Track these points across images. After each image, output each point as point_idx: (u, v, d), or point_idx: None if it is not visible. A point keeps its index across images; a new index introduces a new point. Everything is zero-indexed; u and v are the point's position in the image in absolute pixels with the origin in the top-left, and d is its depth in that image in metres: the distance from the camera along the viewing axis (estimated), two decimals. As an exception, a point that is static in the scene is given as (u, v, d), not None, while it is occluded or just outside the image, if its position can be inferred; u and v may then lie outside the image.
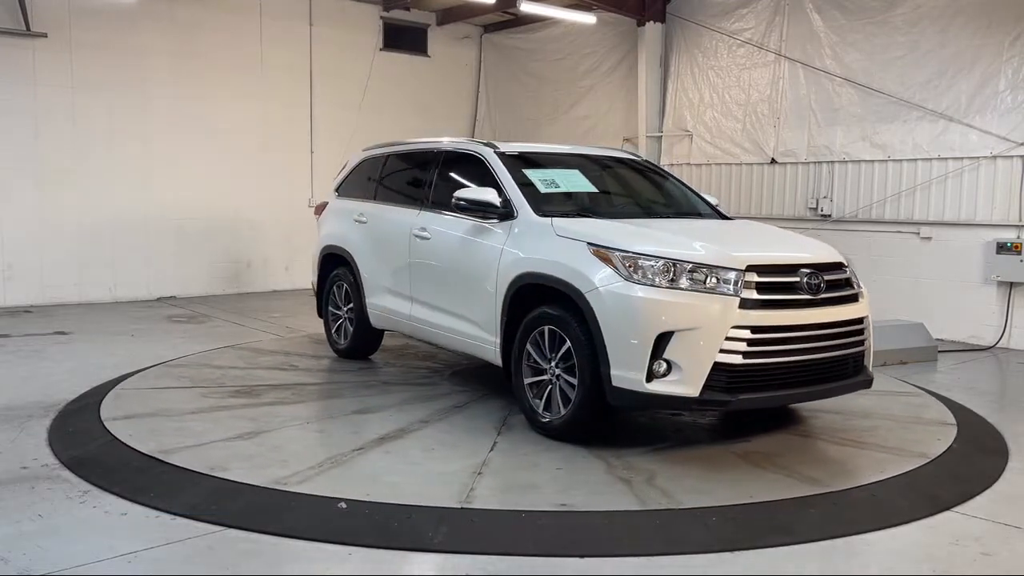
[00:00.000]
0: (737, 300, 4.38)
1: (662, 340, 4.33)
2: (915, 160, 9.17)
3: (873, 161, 9.50)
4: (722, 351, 4.33)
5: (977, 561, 3.51)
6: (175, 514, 3.76)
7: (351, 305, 6.99)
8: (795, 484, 4.29)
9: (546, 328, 4.89)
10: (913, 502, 4.14)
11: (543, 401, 4.95)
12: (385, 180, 7.04)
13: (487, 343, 5.44)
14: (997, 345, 8.61)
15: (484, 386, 6.25)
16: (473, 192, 5.46)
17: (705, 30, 11.08)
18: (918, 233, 9.19)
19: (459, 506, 3.89)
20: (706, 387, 4.33)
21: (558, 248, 4.89)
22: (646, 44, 11.47)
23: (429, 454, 4.64)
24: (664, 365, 4.36)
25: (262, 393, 5.86)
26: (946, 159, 8.95)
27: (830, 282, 4.76)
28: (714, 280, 4.42)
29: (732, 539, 3.66)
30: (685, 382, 4.34)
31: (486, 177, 5.68)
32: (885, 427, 5.41)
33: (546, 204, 5.40)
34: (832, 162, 9.86)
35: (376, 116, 12.56)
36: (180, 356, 7.14)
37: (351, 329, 7.04)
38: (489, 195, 5.39)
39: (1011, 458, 4.90)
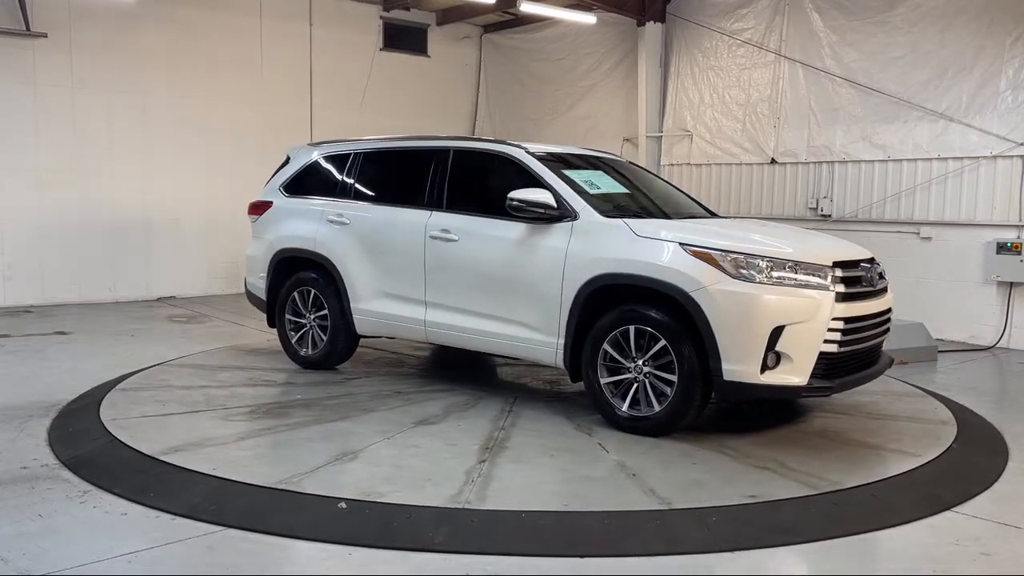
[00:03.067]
0: (833, 294, 4.75)
1: (775, 334, 4.61)
2: (915, 160, 9.17)
3: (873, 161, 9.51)
4: (825, 341, 4.70)
5: (977, 561, 3.51)
6: (175, 514, 3.76)
7: (323, 311, 6.56)
8: (905, 458, 4.76)
9: (631, 328, 4.96)
10: (913, 502, 4.14)
11: (627, 400, 5.03)
12: (364, 179, 6.64)
13: (544, 345, 5.38)
14: (997, 345, 8.61)
15: (504, 388, 6.24)
16: (529, 193, 5.33)
17: (705, 30, 11.08)
18: (918, 233, 9.20)
19: (665, 508, 3.90)
20: (811, 375, 4.69)
21: (645, 249, 4.96)
22: (646, 44, 11.47)
23: (556, 460, 4.57)
24: (774, 357, 4.64)
25: (285, 413, 5.35)
26: (946, 159, 8.95)
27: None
28: (812, 276, 4.75)
29: (733, 539, 3.65)
30: (795, 372, 4.67)
31: (520, 178, 5.59)
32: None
33: (602, 205, 5.43)
34: (832, 162, 9.86)
35: (376, 116, 12.57)
36: (118, 376, 6.34)
37: (323, 337, 6.60)
38: (545, 196, 5.32)
39: (1011, 458, 4.90)
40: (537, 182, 5.51)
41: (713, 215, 6.36)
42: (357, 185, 6.68)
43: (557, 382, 6.45)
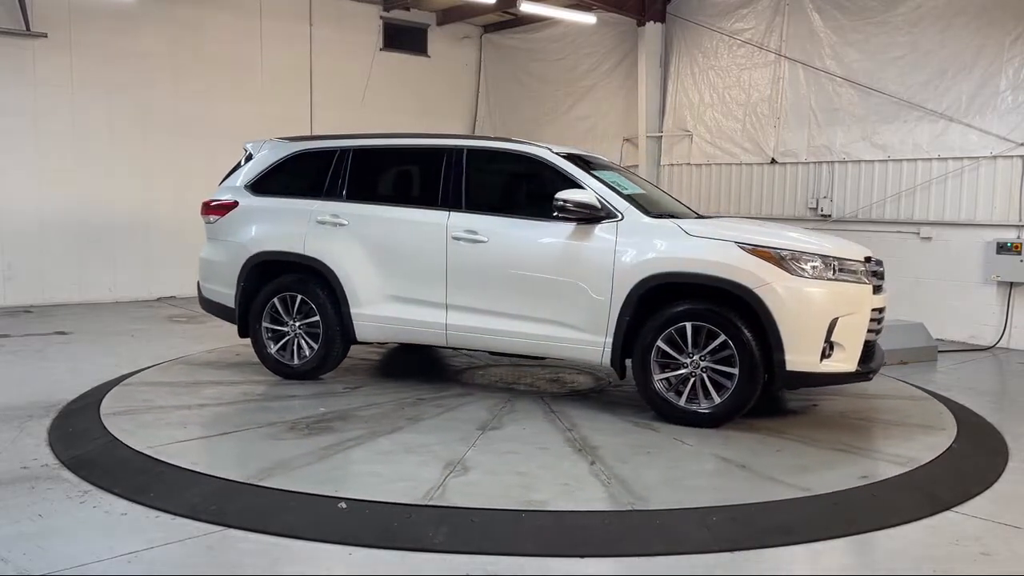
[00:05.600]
0: (871, 287, 5.17)
1: (832, 325, 4.94)
2: (915, 160, 9.18)
3: (873, 161, 9.51)
4: (868, 331, 5.13)
5: (977, 561, 3.51)
6: (175, 514, 3.76)
7: (312, 318, 6.13)
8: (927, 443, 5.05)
9: (688, 324, 5.10)
10: (913, 502, 4.14)
11: (684, 395, 5.16)
12: (361, 178, 6.27)
13: (591, 345, 5.37)
14: (997, 345, 8.61)
15: (514, 390, 6.19)
16: (576, 194, 5.35)
17: (705, 30, 11.08)
18: (918, 233, 9.20)
19: (808, 495, 4.05)
20: (858, 362, 5.09)
21: (705, 248, 5.13)
22: (646, 44, 11.48)
23: (655, 457, 4.59)
24: (830, 347, 4.98)
25: (330, 428, 5.00)
26: (946, 159, 8.95)
27: None
28: (853, 271, 5.13)
29: (732, 539, 3.65)
30: (846, 359, 5.05)
31: (549, 178, 5.61)
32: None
33: (643, 205, 5.53)
34: (832, 162, 9.86)
35: (376, 116, 12.56)
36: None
37: (313, 346, 6.17)
38: (589, 197, 5.36)
39: (1011, 458, 4.90)
40: (571, 183, 5.52)
41: (698, 216, 6.33)
42: (352, 184, 6.26)
43: (560, 381, 6.46)
